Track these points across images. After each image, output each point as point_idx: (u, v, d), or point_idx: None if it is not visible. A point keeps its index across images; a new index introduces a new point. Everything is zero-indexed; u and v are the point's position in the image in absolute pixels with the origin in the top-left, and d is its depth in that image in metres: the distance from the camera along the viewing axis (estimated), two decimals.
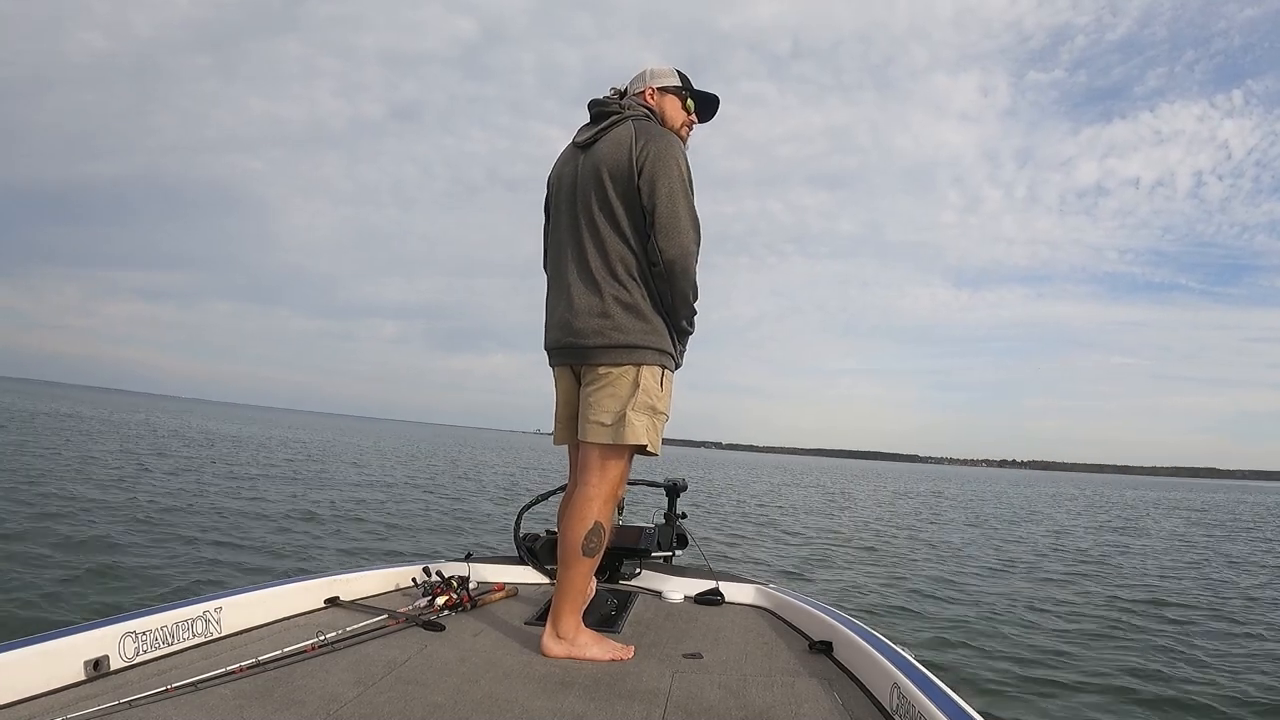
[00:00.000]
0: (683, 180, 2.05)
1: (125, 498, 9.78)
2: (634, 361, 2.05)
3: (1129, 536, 16.10)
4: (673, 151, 2.06)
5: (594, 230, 2.07)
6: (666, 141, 2.07)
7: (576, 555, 2.04)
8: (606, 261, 2.05)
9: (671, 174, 2.03)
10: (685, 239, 2.04)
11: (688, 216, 2.05)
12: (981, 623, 6.37)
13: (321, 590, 2.41)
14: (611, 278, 2.05)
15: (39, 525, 7.29)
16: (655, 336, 2.07)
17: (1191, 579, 9.80)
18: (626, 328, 2.04)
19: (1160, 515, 25.12)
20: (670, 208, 2.02)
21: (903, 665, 1.71)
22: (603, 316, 2.04)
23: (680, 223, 2.03)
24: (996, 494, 36.93)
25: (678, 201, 2.03)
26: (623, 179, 2.04)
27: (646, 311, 2.06)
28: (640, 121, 2.13)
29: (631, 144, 2.05)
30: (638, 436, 2.03)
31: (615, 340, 2.04)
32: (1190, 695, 4.67)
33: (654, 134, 2.08)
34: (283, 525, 9.05)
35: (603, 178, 2.06)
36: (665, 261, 2.04)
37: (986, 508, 24.09)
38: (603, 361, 2.05)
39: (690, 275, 2.08)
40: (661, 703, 1.69)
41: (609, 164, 2.06)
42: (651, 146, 2.04)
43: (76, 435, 20.98)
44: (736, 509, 17.11)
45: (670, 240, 2.02)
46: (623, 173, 2.04)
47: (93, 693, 1.58)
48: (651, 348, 2.06)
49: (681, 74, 2.31)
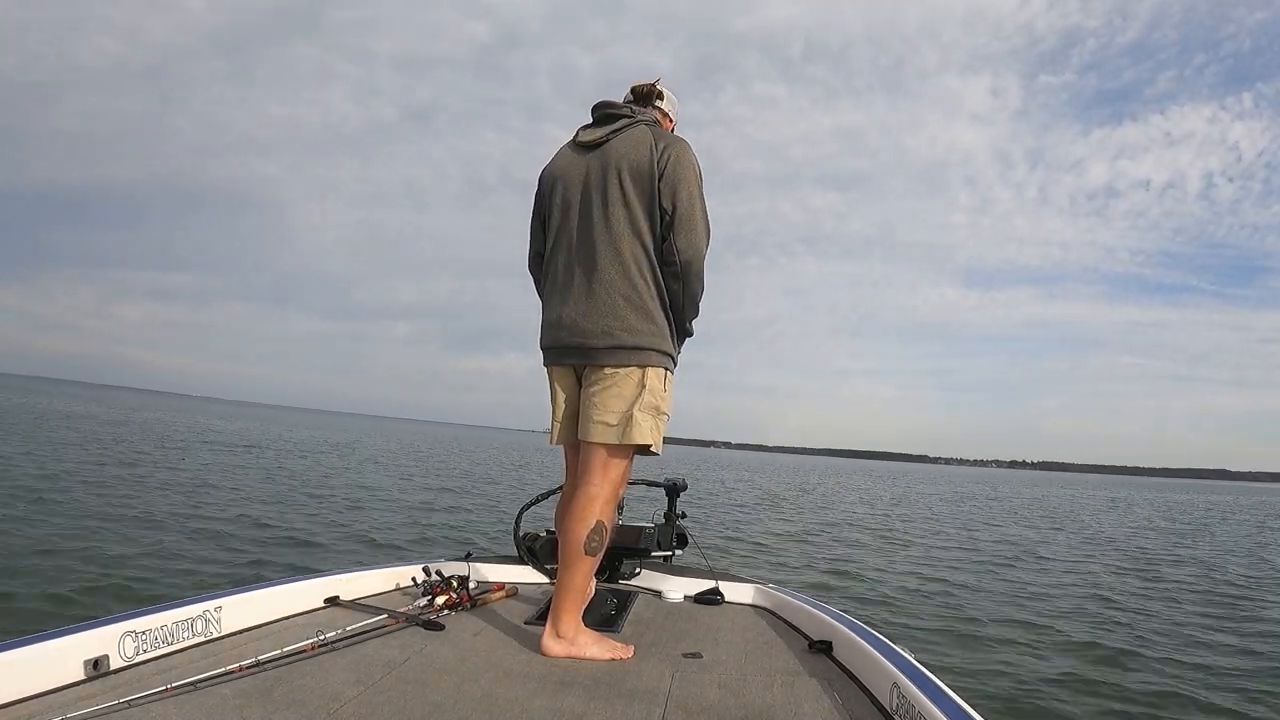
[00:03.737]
0: (700, 184, 2.13)
1: (125, 498, 9.80)
2: (640, 363, 2.07)
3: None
4: (690, 155, 2.13)
5: (607, 229, 2.08)
6: (684, 145, 2.14)
7: (579, 555, 2.05)
8: (620, 261, 2.07)
9: (690, 176, 2.10)
10: (700, 240, 2.12)
11: (703, 218, 2.13)
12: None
13: (321, 590, 2.41)
14: (623, 278, 2.07)
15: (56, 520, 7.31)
16: (661, 339, 2.11)
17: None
18: (635, 329, 2.06)
19: (1236, 523, 23.10)
20: (689, 210, 2.08)
21: (902, 665, 1.70)
22: (612, 317, 2.06)
23: (697, 224, 2.10)
24: (1066, 498, 34.96)
25: (696, 204, 2.10)
26: (644, 179, 2.07)
27: (654, 313, 2.09)
28: (655, 126, 2.20)
29: (652, 146, 2.09)
30: (643, 436, 2.06)
31: (623, 341, 2.05)
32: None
33: (672, 138, 2.16)
34: (284, 525, 9.05)
35: (621, 178, 2.08)
36: (683, 261, 2.09)
37: (1082, 516, 22.25)
38: (609, 362, 2.07)
39: (702, 276, 2.16)
40: (661, 702, 1.69)
41: (629, 164, 2.08)
42: (672, 150, 2.11)
43: (98, 434, 21.02)
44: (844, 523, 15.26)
45: (688, 240, 2.08)
46: (643, 173, 2.07)
47: (93, 692, 1.58)
48: (657, 349, 2.10)
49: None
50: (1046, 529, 16.97)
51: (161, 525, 8.03)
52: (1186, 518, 25.15)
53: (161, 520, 8.32)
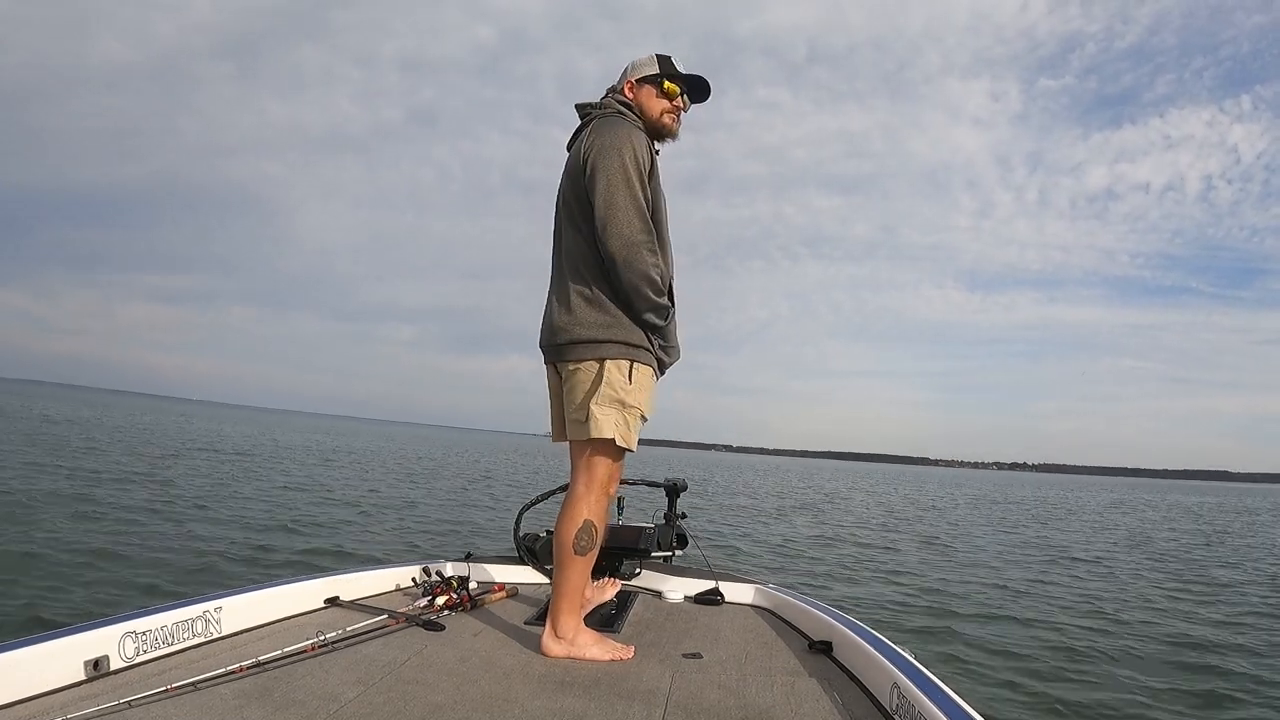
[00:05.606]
0: (624, 170, 1.99)
1: (120, 499, 9.79)
2: (597, 356, 2.05)
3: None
4: (616, 141, 2.01)
5: (563, 231, 2.14)
6: (613, 133, 2.03)
7: (569, 555, 2.05)
8: (572, 259, 2.10)
9: (610, 165, 1.99)
10: (626, 229, 1.98)
11: (630, 206, 1.99)
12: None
13: (321, 590, 2.41)
14: (576, 275, 2.08)
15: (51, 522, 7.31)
16: (619, 329, 2.05)
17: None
18: (588, 322, 2.05)
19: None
20: (607, 199, 1.98)
21: (903, 665, 1.70)
22: (569, 313, 2.07)
23: (618, 214, 1.98)
24: (1112, 503, 33.89)
25: (616, 192, 1.98)
26: (578, 177, 2.08)
27: (608, 305, 2.05)
28: (604, 118, 2.11)
29: (584, 140, 2.08)
30: (603, 430, 2.01)
31: (579, 336, 2.05)
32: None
33: (603, 128, 2.06)
34: (283, 527, 9.05)
35: (568, 179, 2.13)
36: (607, 255, 2.00)
37: (1130, 523, 20.91)
38: (570, 358, 2.08)
39: (637, 267, 1.99)
40: (661, 703, 1.69)
41: (570, 165, 2.13)
42: (596, 140, 2.03)
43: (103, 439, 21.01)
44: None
45: (609, 232, 1.98)
46: (578, 171, 2.08)
47: (93, 693, 1.58)
48: (615, 340, 2.05)
49: (663, 58, 2.21)
50: (1115, 542, 15.13)
51: (162, 527, 8.03)
52: (1217, 520, 24.12)
53: (162, 521, 8.33)
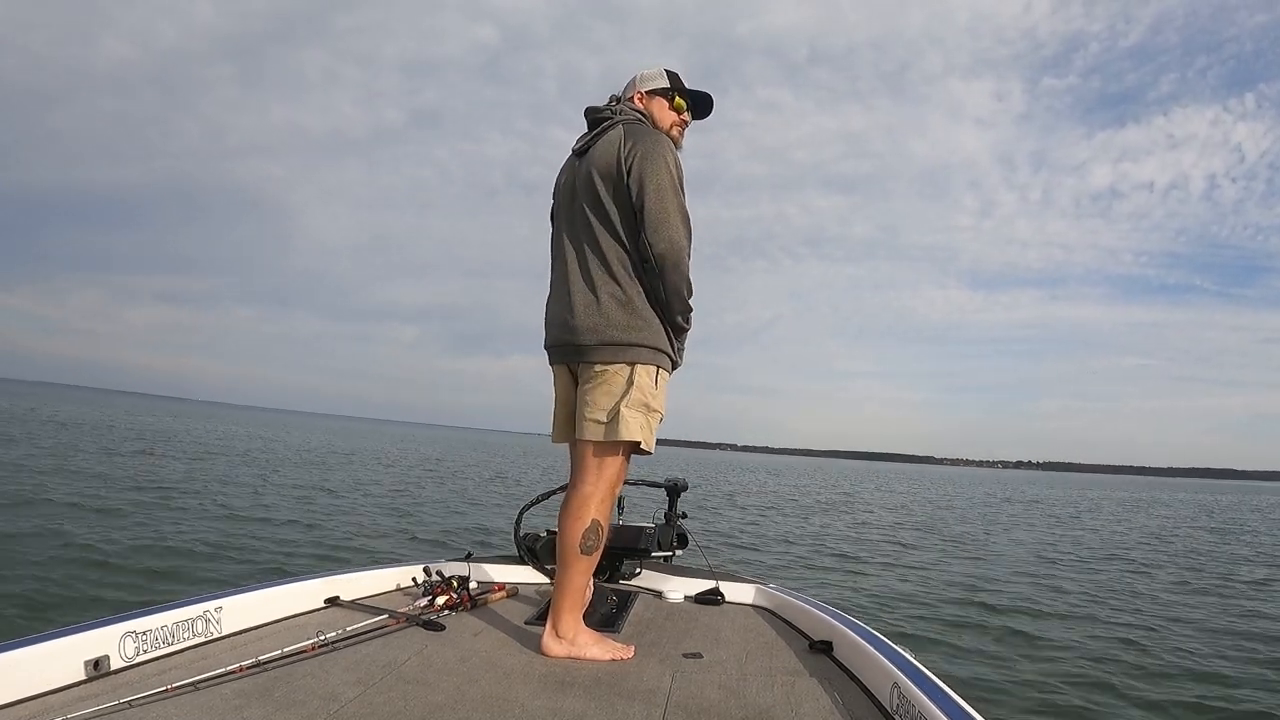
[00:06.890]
0: (671, 177, 2.09)
1: (120, 499, 9.80)
2: (628, 359, 2.07)
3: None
4: (660, 150, 2.10)
5: (589, 231, 2.12)
6: (654, 140, 2.12)
7: (575, 554, 2.05)
8: (603, 260, 2.09)
9: (659, 171, 2.07)
10: (675, 234, 2.07)
11: (677, 212, 2.09)
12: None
13: (321, 590, 2.41)
14: (607, 276, 2.08)
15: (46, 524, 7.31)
16: (650, 334, 2.09)
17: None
18: (621, 324, 2.06)
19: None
20: (659, 203, 2.06)
21: (903, 665, 1.70)
22: (598, 314, 2.07)
23: (669, 218, 2.07)
24: (1127, 502, 33.11)
25: (666, 197, 2.07)
26: (613, 179, 2.09)
27: (641, 309, 2.09)
28: (630, 125, 2.18)
29: (620, 145, 2.11)
30: (632, 433, 2.04)
31: (610, 338, 2.06)
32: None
33: (641, 134, 2.14)
34: (284, 526, 9.05)
35: (595, 180, 2.12)
36: (656, 256, 2.06)
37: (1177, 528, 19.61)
38: (598, 359, 2.08)
39: (682, 270, 2.10)
40: (661, 702, 1.69)
41: (600, 166, 2.12)
42: (640, 146, 2.09)
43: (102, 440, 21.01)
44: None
45: (659, 235, 2.06)
46: (612, 173, 2.09)
47: (93, 692, 1.58)
48: (646, 345, 2.09)
49: (672, 74, 2.34)
50: (1151, 543, 14.73)
51: (162, 527, 8.03)
52: (1230, 515, 23.55)
53: (162, 520, 8.33)
